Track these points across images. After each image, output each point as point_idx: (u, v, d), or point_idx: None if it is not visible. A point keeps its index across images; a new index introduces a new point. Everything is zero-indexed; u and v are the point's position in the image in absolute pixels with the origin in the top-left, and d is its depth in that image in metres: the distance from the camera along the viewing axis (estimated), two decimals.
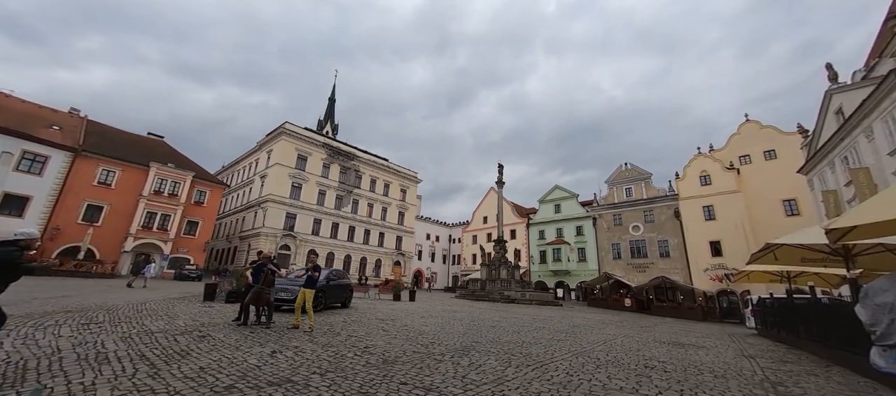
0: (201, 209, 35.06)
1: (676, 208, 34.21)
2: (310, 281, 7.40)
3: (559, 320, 13.98)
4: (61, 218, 27.29)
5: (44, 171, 27.01)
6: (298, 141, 41.91)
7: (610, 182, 39.97)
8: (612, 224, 38.70)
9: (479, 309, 17.05)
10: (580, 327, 11.85)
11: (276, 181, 39.15)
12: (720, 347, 9.38)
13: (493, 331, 8.98)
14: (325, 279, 11.62)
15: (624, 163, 39.45)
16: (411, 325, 9.21)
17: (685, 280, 31.48)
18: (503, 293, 28.91)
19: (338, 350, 5.31)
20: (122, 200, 30.05)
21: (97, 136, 31.82)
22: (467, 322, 11.04)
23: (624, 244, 37.16)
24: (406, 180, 54.00)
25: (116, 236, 29.39)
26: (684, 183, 34.40)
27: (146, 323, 6.82)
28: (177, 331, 6.10)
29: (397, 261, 49.72)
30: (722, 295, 29.57)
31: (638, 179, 38.01)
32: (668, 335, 11.71)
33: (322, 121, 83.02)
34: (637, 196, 37.57)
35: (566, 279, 40.83)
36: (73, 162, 28.37)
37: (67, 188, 27.86)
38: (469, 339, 7.42)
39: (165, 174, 32.38)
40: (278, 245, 37.93)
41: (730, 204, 31.08)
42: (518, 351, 6.27)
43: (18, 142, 26.19)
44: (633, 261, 36.02)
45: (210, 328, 6.68)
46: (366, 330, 7.92)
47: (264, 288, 7.28)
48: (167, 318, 7.48)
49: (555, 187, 45.35)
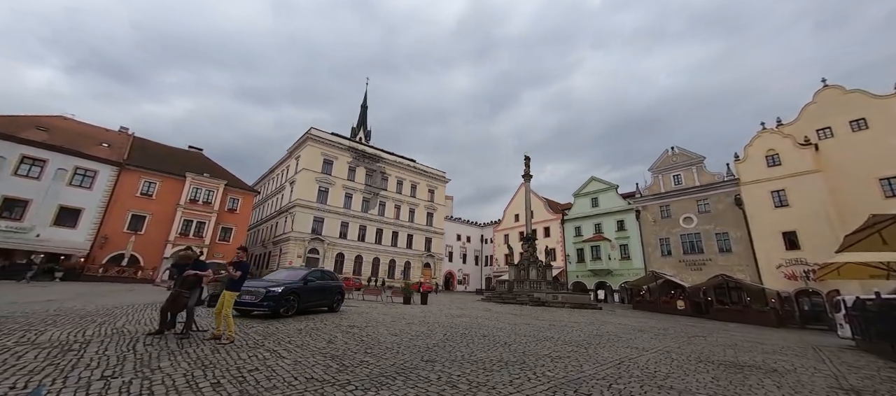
0: (234, 216, 36.38)
1: (737, 195, 29.40)
2: (231, 283, 6.10)
3: (582, 327, 11.64)
4: (109, 228, 29.36)
5: (93, 185, 29.24)
6: (324, 145, 42.38)
7: (654, 169, 35.63)
8: (658, 216, 34.38)
9: (494, 315, 15.06)
10: (603, 337, 9.52)
11: (304, 186, 39.75)
12: (801, 370, 6.72)
13: (471, 346, 7.12)
14: (301, 280, 10.46)
15: (670, 148, 34.94)
16: (375, 335, 7.62)
17: (752, 278, 26.80)
18: (532, 295, 26.47)
19: (231, 372, 3.92)
20: (162, 209, 31.83)
21: (141, 151, 34.16)
22: (460, 330, 9.24)
23: (674, 238, 32.77)
24: (434, 180, 52.84)
25: (158, 243, 31.12)
26: (746, 165, 29.48)
27: (53, 332, 5.89)
28: (68, 342, 5.06)
29: (427, 263, 48.59)
30: (801, 296, 24.71)
31: (688, 165, 33.40)
32: (723, 349, 9.01)
33: (355, 128, 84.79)
34: (688, 183, 32.99)
35: (607, 279, 37.02)
36: (119, 175, 30.50)
37: (114, 199, 29.97)
38: (424, 356, 5.69)
39: (200, 183, 33.93)
40: (307, 249, 38.39)
41: (807, 186, 25.92)
42: (464, 382, 4.41)
43: (72, 159, 28.58)
44: (685, 258, 31.58)
45: (112, 337, 5.61)
46: (305, 340, 6.47)
47: (182, 291, 6.13)
48: (104, 325, 6.61)
49: (591, 179, 41.57)
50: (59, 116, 32.22)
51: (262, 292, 9.08)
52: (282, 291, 9.29)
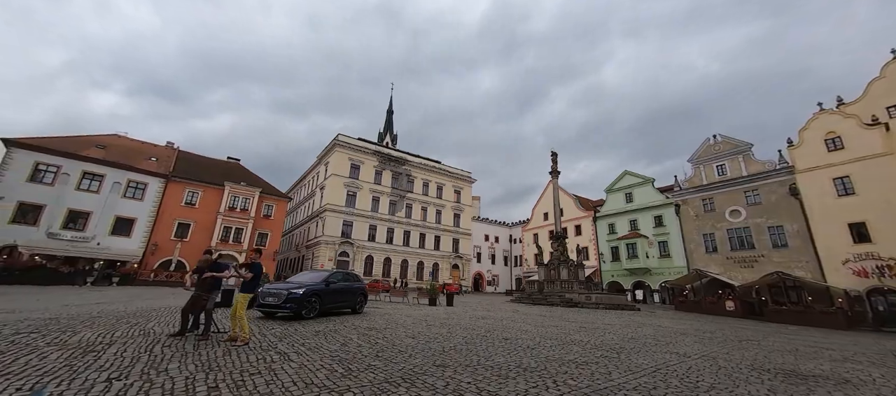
0: (269, 221, 37.96)
1: (792, 184, 26.67)
2: (244, 284, 6.10)
3: (615, 330, 10.83)
4: (158, 236, 31.58)
5: (144, 196, 31.60)
6: (351, 151, 43.35)
7: (695, 160, 33.17)
8: (701, 210, 31.95)
9: (521, 316, 14.48)
10: (639, 341, 8.75)
11: (333, 191, 40.83)
12: (881, 382, 5.73)
13: (490, 349, 6.72)
14: (323, 281, 10.50)
15: (712, 136, 32.39)
16: (392, 337, 7.40)
17: (814, 275, 24.17)
18: (563, 295, 25.43)
19: (233, 376, 3.85)
20: (204, 217, 33.82)
21: (185, 163, 36.54)
22: (482, 332, 8.84)
23: (720, 234, 30.29)
24: (460, 181, 52.54)
25: (201, 249, 32.93)
26: (802, 150, 26.67)
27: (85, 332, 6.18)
28: (93, 344, 5.25)
29: (455, 264, 48.32)
30: (874, 295, 21.95)
31: (733, 153, 30.77)
32: (781, 354, 7.97)
33: (382, 133, 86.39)
34: (733, 174, 30.39)
35: (646, 278, 34.92)
36: (166, 186, 32.77)
37: (162, 209, 32.20)
38: (437, 361, 5.37)
39: (237, 191, 35.74)
40: (337, 252, 39.36)
41: (876, 171, 22.97)
42: (473, 390, 4.04)
43: (125, 173, 31.08)
44: (734, 254, 29.08)
45: (136, 339, 5.77)
46: (319, 342, 6.36)
47: (201, 293, 6.23)
48: (132, 325, 6.90)
49: (624, 173, 39.46)
50: (114, 135, 35.17)
51: (284, 294, 9.17)
52: (303, 293, 9.34)
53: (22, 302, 11.44)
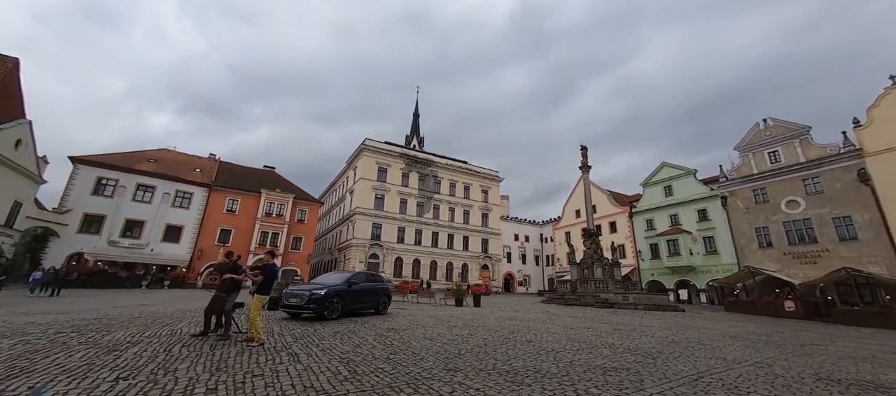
0: (303, 226, 39.43)
1: (861, 168, 23.69)
2: (257, 287, 6.14)
3: (653, 332, 9.98)
4: (203, 242, 33.70)
5: (190, 205, 33.89)
6: (378, 154, 44.07)
7: (742, 148, 30.43)
8: (752, 202, 29.25)
9: (550, 317, 13.82)
10: (680, 344, 7.94)
11: (362, 194, 41.68)
12: None
13: (510, 352, 6.32)
14: (345, 282, 10.53)
15: (761, 121, 29.56)
16: (409, 338, 7.19)
17: (892, 271, 21.29)
18: (598, 295, 24.21)
19: (236, 377, 3.82)
20: (243, 223, 35.70)
21: (226, 173, 38.81)
22: (505, 334, 8.42)
23: (775, 227, 27.53)
24: (487, 180, 51.86)
25: (241, 253, 34.71)
26: (871, 130, 23.63)
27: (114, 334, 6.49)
28: (129, 341, 5.48)
29: (485, 265, 47.67)
30: None
31: (788, 138, 27.89)
32: (855, 362, 6.89)
33: (409, 136, 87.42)
34: (789, 160, 27.52)
35: (690, 277, 32.49)
36: (209, 195, 34.95)
37: (206, 217, 34.35)
38: (448, 364, 5.07)
39: (273, 198, 37.40)
40: (368, 254, 40.09)
41: None
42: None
43: (174, 184, 33.50)
44: (792, 250, 26.31)
45: (162, 339, 5.97)
46: (333, 343, 6.26)
47: (220, 294, 6.35)
48: (164, 326, 7.21)
49: (662, 164, 37.03)
50: (164, 149, 38.01)
51: (307, 295, 9.28)
52: (325, 294, 9.40)
53: (80, 303, 12.47)
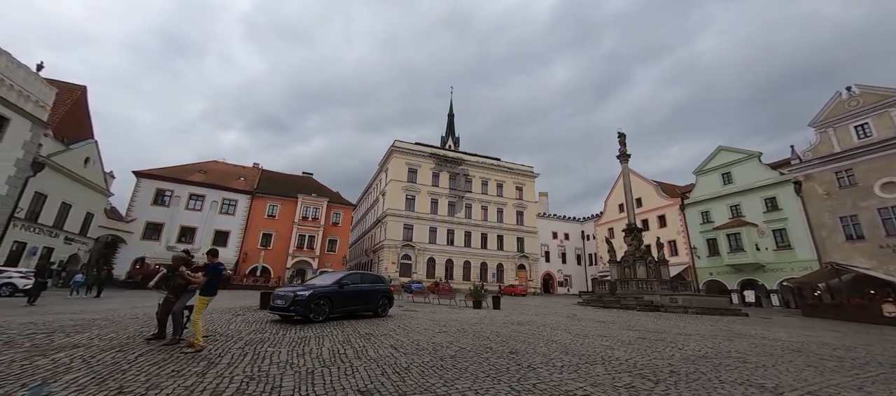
0: (337, 228, 40.61)
1: None
2: (201, 287, 5.79)
3: (688, 344, 8.30)
4: (248, 246, 35.95)
5: (235, 211, 36.35)
6: (408, 155, 44.19)
7: (819, 124, 25.81)
8: (834, 186, 24.67)
9: (574, 322, 12.38)
10: (713, 361, 6.35)
11: (393, 196, 42.00)
12: None
13: (473, 366, 5.35)
14: (335, 283, 10.11)
15: (844, 89, 24.83)
16: (363, 348, 6.46)
17: None
18: (641, 297, 21.76)
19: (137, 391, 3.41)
20: (283, 227, 37.55)
21: (267, 181, 41.18)
22: (498, 341, 7.41)
23: (866, 215, 22.92)
24: (521, 177, 49.84)
25: (281, 256, 36.75)
26: None
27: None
28: (88, 345, 5.43)
29: (521, 265, 45.75)
30: None
31: (881, 106, 23.08)
32: None
33: (444, 137, 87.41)
34: (883, 133, 22.76)
35: (757, 276, 28.24)
36: (252, 202, 37.25)
37: (250, 222, 36.63)
38: (377, 383, 4.26)
39: (309, 202, 38.93)
40: (400, 255, 40.25)
41: None
42: None
43: (221, 192, 36.17)
44: (890, 242, 21.68)
45: (133, 340, 5.87)
46: (295, 349, 5.72)
47: (169, 296, 6.09)
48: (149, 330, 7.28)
49: (718, 149, 32.68)
50: (213, 161, 41.25)
51: (291, 296, 8.98)
52: (309, 296, 9.04)
53: (106, 304, 13.45)
